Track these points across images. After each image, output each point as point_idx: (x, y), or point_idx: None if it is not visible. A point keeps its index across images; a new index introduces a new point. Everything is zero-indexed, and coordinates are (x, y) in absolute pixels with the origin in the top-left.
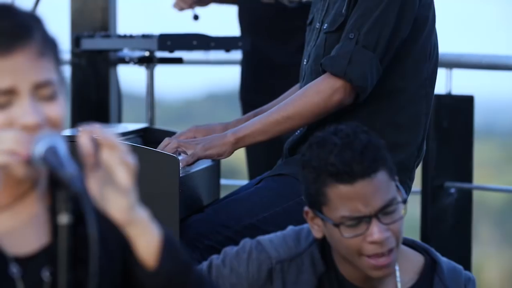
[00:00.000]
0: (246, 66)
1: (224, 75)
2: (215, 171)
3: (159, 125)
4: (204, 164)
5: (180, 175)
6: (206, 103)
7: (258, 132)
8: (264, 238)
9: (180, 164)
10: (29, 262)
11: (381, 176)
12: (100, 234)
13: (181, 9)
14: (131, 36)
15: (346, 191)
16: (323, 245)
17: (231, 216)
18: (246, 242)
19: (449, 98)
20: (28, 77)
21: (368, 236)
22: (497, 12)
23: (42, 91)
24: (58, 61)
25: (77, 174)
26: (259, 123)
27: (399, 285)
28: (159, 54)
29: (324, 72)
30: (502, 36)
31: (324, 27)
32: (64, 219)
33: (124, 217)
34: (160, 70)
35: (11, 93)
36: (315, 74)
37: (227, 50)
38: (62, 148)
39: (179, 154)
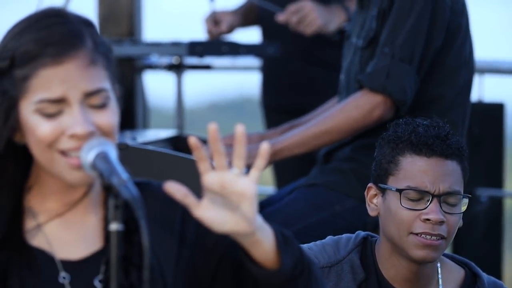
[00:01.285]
0: (269, 71)
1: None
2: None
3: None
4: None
5: None
6: (208, 111)
7: (296, 145)
8: (303, 246)
9: None
10: (79, 269)
11: (456, 167)
12: (153, 246)
13: (212, 34)
14: (159, 43)
15: (419, 164)
16: (363, 252)
17: None
18: None
19: (480, 105)
20: (78, 86)
21: (424, 214)
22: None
23: (92, 100)
24: (110, 67)
25: (128, 181)
26: (298, 136)
27: None
28: (188, 61)
29: (361, 88)
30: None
31: (359, 43)
32: (115, 225)
33: (253, 224)
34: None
35: (61, 102)
36: (352, 89)
37: (257, 56)
38: (113, 155)
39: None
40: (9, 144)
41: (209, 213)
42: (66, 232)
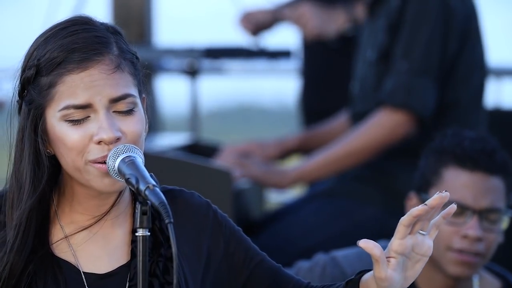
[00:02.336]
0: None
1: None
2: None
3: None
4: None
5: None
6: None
7: (320, 168)
8: (338, 254)
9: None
10: (104, 284)
11: (499, 183)
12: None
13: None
14: (174, 48)
15: (463, 178)
16: None
17: (287, 240)
18: (320, 257)
19: (498, 113)
20: (103, 91)
21: (464, 229)
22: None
23: (118, 106)
24: (136, 75)
25: (156, 187)
26: (322, 159)
27: None
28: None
29: (381, 105)
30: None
31: (371, 56)
32: (141, 231)
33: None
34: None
35: (87, 108)
36: (369, 102)
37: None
38: (140, 161)
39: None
40: (38, 154)
41: (394, 274)
42: (92, 245)
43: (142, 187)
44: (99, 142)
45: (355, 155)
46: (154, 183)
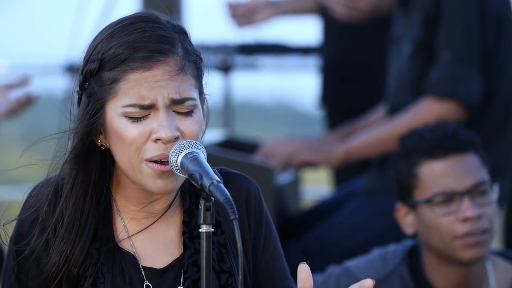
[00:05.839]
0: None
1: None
2: (297, 181)
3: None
4: (287, 176)
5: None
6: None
7: (369, 147)
8: (351, 264)
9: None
10: (161, 278)
11: (473, 158)
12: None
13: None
14: (207, 44)
15: (438, 167)
16: (411, 263)
17: (330, 243)
18: (333, 269)
19: None
20: (166, 92)
21: (461, 213)
22: None
23: (178, 107)
24: (198, 76)
25: (220, 183)
26: (371, 138)
27: None
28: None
29: (426, 94)
30: None
31: (407, 49)
32: (205, 227)
33: None
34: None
35: (149, 107)
36: (405, 96)
37: (306, 55)
38: (203, 157)
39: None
40: (92, 145)
41: None
42: (147, 238)
43: (206, 182)
44: (156, 140)
45: None
46: (218, 178)
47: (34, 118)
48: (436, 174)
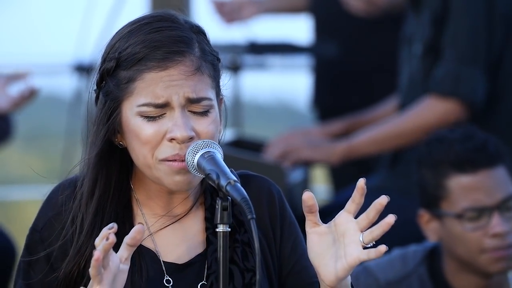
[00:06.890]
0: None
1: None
2: (307, 180)
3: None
4: (298, 175)
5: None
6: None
7: (371, 144)
8: (370, 263)
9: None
10: (182, 274)
11: (502, 170)
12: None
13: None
14: (216, 43)
15: (468, 182)
16: (431, 265)
17: None
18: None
19: None
20: (182, 92)
21: (490, 229)
22: None
23: (194, 107)
24: (215, 77)
25: (237, 182)
26: (374, 135)
27: None
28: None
29: (429, 92)
30: None
31: (417, 50)
32: (222, 227)
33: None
34: None
35: (164, 106)
36: (413, 95)
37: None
38: (220, 157)
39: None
40: (109, 144)
41: (320, 237)
42: (169, 233)
43: (223, 182)
44: (171, 140)
45: (404, 136)
46: (235, 178)
47: (38, 117)
48: (466, 188)
